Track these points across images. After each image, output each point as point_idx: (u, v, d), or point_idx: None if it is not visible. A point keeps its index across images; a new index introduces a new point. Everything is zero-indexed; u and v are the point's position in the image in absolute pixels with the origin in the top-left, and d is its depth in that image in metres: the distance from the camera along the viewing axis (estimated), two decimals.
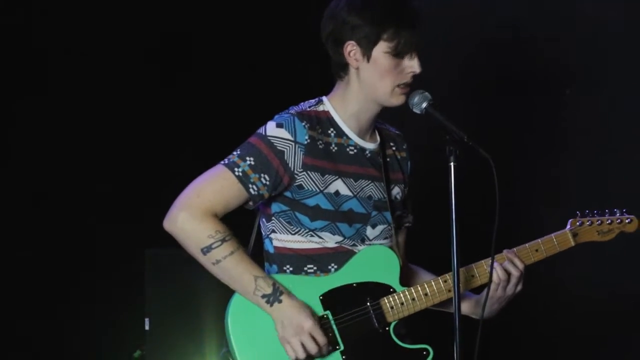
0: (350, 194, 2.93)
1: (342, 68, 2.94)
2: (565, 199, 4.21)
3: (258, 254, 2.95)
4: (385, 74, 2.88)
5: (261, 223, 2.99)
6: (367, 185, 2.97)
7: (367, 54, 2.88)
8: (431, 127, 2.80)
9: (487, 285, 2.91)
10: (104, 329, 4.34)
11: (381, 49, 2.87)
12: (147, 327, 4.14)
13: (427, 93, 2.86)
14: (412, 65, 2.89)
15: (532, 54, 4.34)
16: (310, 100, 3.00)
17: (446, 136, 2.73)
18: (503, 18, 4.42)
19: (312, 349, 2.77)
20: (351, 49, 2.89)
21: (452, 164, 2.71)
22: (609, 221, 3.11)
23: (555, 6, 4.30)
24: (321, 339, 2.78)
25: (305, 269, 2.90)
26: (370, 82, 2.90)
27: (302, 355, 2.77)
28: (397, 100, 2.91)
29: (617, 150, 4.17)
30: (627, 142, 4.13)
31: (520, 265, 2.98)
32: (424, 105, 2.85)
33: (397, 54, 2.87)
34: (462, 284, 2.95)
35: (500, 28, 4.41)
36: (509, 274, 2.97)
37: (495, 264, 2.94)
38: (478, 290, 3.04)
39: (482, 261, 2.99)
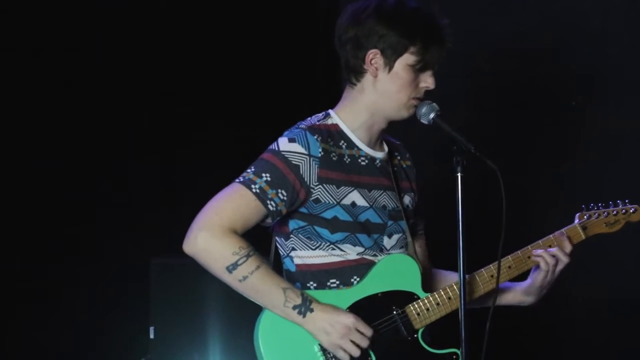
0: (366, 204, 2.92)
1: (358, 74, 2.92)
2: (569, 209, 4.21)
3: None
4: (403, 86, 2.88)
5: (278, 243, 2.97)
6: (380, 195, 2.97)
7: (389, 64, 2.87)
8: (439, 137, 2.82)
9: (495, 291, 2.92)
10: (108, 337, 4.33)
11: (405, 61, 2.86)
12: (151, 336, 4.13)
13: (434, 104, 2.87)
14: (428, 81, 2.90)
15: (538, 63, 4.36)
16: (318, 115, 2.99)
17: (453, 147, 2.75)
18: (509, 29, 4.44)
19: (364, 343, 2.78)
20: (373, 57, 2.88)
21: (459, 174, 2.72)
22: (615, 212, 3.16)
23: (561, 18, 4.32)
24: (367, 330, 2.79)
25: (329, 284, 2.89)
26: (387, 93, 2.89)
27: (357, 353, 2.77)
28: (407, 112, 2.92)
29: (621, 160, 4.19)
30: (631, 150, 4.16)
31: (569, 248, 3.02)
32: (432, 115, 2.86)
33: (420, 68, 2.87)
34: (482, 285, 2.99)
35: (506, 39, 4.43)
36: (556, 259, 3.00)
37: (541, 251, 3.00)
38: (518, 278, 3.07)
39: (519, 251, 3.03)
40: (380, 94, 2.91)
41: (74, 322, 4.29)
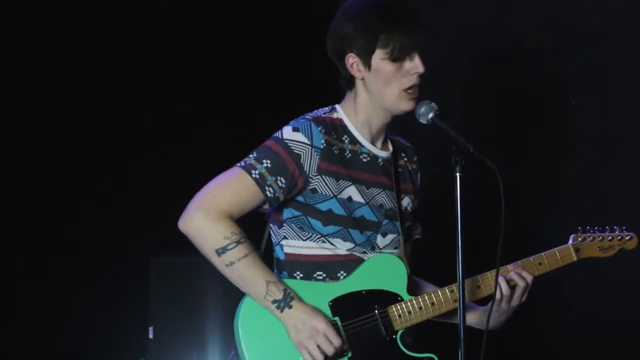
0: (362, 200, 2.93)
1: (349, 81, 2.96)
2: (568, 209, 4.22)
3: (268, 263, 2.94)
4: (389, 80, 2.89)
5: (272, 230, 2.99)
6: (378, 194, 2.98)
7: (367, 63, 2.89)
8: (437, 137, 2.82)
9: (493, 296, 2.93)
10: (108, 337, 4.33)
11: (378, 56, 2.88)
12: (151, 336, 4.14)
13: (433, 103, 2.86)
14: (414, 66, 2.89)
15: (537, 63, 4.36)
16: (324, 108, 3.01)
17: (452, 146, 2.74)
18: (507, 27, 4.44)
19: (328, 350, 2.78)
20: (352, 61, 2.91)
21: (458, 174, 2.71)
22: (610, 237, 3.13)
23: (561, 18, 4.32)
24: (335, 339, 2.79)
25: (315, 275, 2.91)
26: (377, 90, 2.91)
27: (320, 357, 2.78)
28: (405, 105, 2.92)
29: (620, 160, 4.19)
30: (631, 150, 4.16)
31: (529, 278, 2.99)
32: (431, 115, 2.85)
33: (395, 59, 2.88)
34: (468, 294, 2.96)
35: (503, 37, 4.44)
36: (513, 287, 2.98)
37: (500, 279, 2.96)
38: (483, 301, 3.06)
39: (488, 273, 3.01)
40: (372, 93, 2.93)
41: (73, 321, 4.29)
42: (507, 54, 4.41)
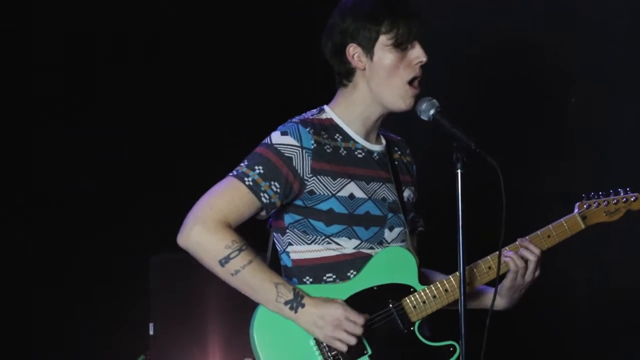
0: (365, 196, 2.93)
1: (348, 75, 2.94)
2: (567, 208, 4.22)
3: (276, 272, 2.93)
4: (391, 70, 2.89)
5: (276, 239, 2.98)
6: (379, 188, 2.97)
7: (369, 53, 2.89)
8: (439, 133, 2.82)
9: (495, 280, 2.91)
10: (108, 334, 4.33)
11: (382, 44, 2.88)
12: (151, 332, 4.14)
13: (434, 100, 2.86)
14: (416, 54, 2.90)
15: (538, 61, 4.37)
16: (312, 110, 3.01)
17: (453, 143, 2.74)
18: (507, 25, 4.45)
19: (357, 330, 2.77)
20: (354, 52, 2.91)
21: (459, 171, 2.72)
22: (615, 201, 3.13)
23: (560, 16, 4.33)
24: (359, 318, 2.78)
25: (325, 278, 2.89)
26: (378, 82, 2.91)
27: (353, 341, 2.77)
28: (405, 103, 2.92)
29: (620, 160, 4.20)
30: (630, 148, 4.17)
31: (536, 251, 2.99)
32: (432, 112, 2.85)
33: (399, 44, 2.88)
34: (480, 277, 2.98)
35: (504, 35, 4.45)
36: (526, 261, 2.98)
37: (511, 253, 2.97)
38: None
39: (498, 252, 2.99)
40: (373, 84, 2.92)
41: (74, 318, 4.29)
42: (507, 51, 4.42)
